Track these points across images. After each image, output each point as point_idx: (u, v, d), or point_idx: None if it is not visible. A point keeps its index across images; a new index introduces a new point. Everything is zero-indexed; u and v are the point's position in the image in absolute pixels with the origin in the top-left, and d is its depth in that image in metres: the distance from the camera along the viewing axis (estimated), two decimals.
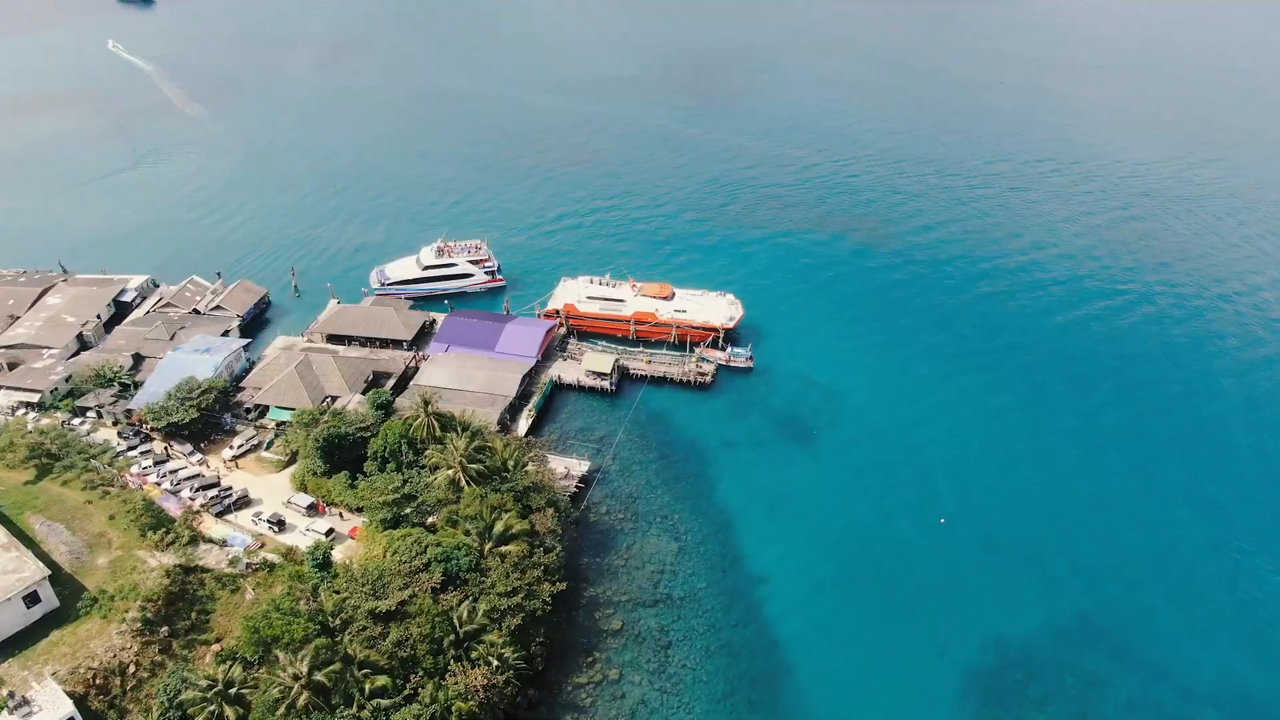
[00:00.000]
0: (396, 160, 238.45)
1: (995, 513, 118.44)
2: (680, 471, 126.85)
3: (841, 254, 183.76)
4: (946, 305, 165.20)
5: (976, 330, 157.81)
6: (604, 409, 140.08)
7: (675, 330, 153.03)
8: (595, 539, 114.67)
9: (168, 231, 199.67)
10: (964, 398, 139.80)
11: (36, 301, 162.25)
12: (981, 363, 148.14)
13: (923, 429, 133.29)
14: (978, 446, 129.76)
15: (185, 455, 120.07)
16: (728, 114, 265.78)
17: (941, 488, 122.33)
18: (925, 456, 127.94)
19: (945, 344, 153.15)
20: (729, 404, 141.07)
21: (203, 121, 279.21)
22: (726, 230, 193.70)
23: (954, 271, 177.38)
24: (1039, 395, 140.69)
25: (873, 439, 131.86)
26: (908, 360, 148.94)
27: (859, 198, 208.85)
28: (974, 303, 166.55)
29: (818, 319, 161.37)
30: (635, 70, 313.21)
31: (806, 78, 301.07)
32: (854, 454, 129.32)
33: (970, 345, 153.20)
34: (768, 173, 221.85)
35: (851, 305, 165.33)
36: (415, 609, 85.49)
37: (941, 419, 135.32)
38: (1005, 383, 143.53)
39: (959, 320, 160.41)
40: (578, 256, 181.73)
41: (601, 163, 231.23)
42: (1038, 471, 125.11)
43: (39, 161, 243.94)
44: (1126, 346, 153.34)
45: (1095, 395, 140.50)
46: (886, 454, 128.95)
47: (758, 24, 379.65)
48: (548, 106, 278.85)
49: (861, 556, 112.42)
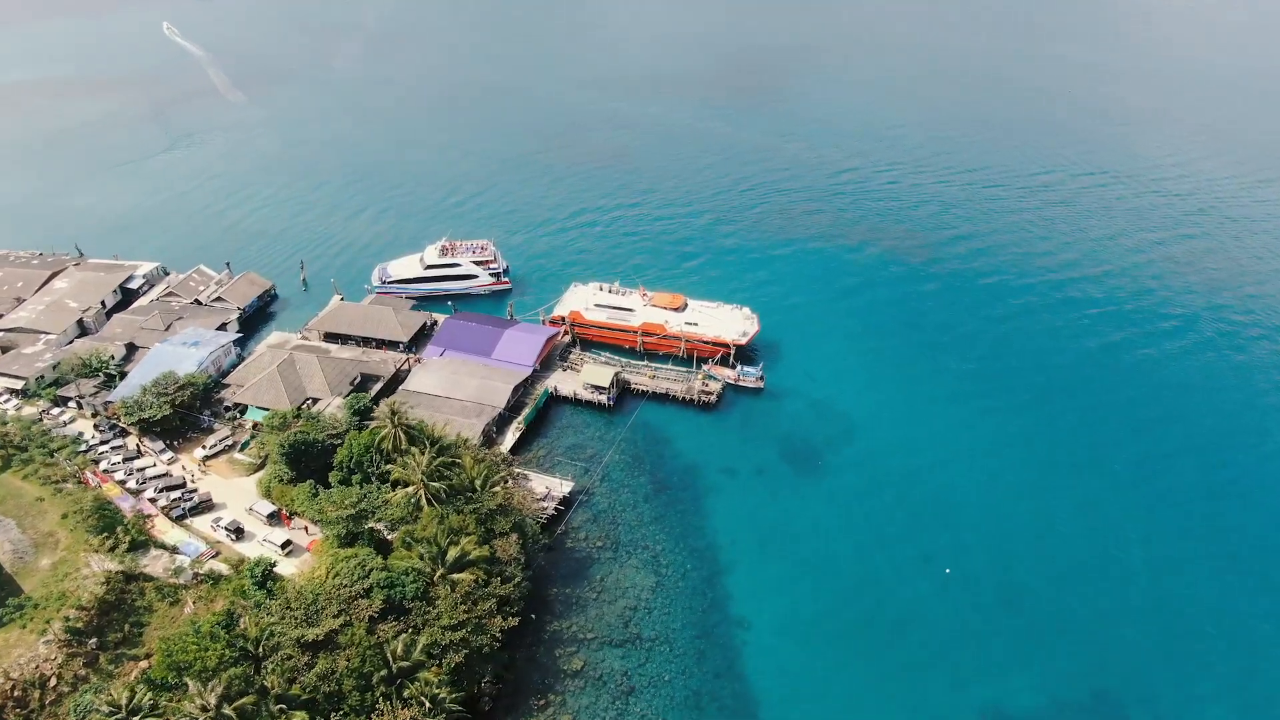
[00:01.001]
0: (424, 153, 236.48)
1: (1011, 567, 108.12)
2: (671, 498, 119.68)
3: (870, 266, 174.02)
4: (979, 327, 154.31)
5: (1009, 356, 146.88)
6: (599, 425, 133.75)
7: (684, 344, 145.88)
8: (568, 566, 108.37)
9: (187, 219, 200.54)
10: (990, 433, 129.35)
11: (45, 285, 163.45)
12: (1012, 394, 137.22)
13: (941, 466, 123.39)
14: (1000, 489, 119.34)
15: (156, 453, 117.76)
16: (768, 115, 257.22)
17: (953, 533, 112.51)
18: (939, 497, 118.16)
19: (973, 370, 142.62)
20: (733, 426, 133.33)
21: (242, 109, 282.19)
22: (751, 237, 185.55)
23: (989, 289, 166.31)
24: (1076, 434, 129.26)
25: (884, 474, 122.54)
26: (931, 388, 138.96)
27: (896, 206, 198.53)
28: (1008, 325, 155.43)
29: (838, 337, 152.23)
30: (680, 67, 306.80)
31: (855, 79, 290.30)
32: (862, 489, 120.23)
33: (1000, 373, 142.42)
34: (802, 177, 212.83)
35: (876, 323, 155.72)
36: (347, 639, 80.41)
37: (963, 455, 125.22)
38: (1037, 417, 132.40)
39: (991, 344, 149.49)
40: (592, 260, 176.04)
41: (629, 162, 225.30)
42: (1069, 523, 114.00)
43: (77, 143, 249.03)
44: (1172, 378, 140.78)
45: (1146, 439, 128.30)
46: (897, 491, 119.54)
47: (813, 22, 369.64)
48: (584, 102, 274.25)
49: (856, 606, 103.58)
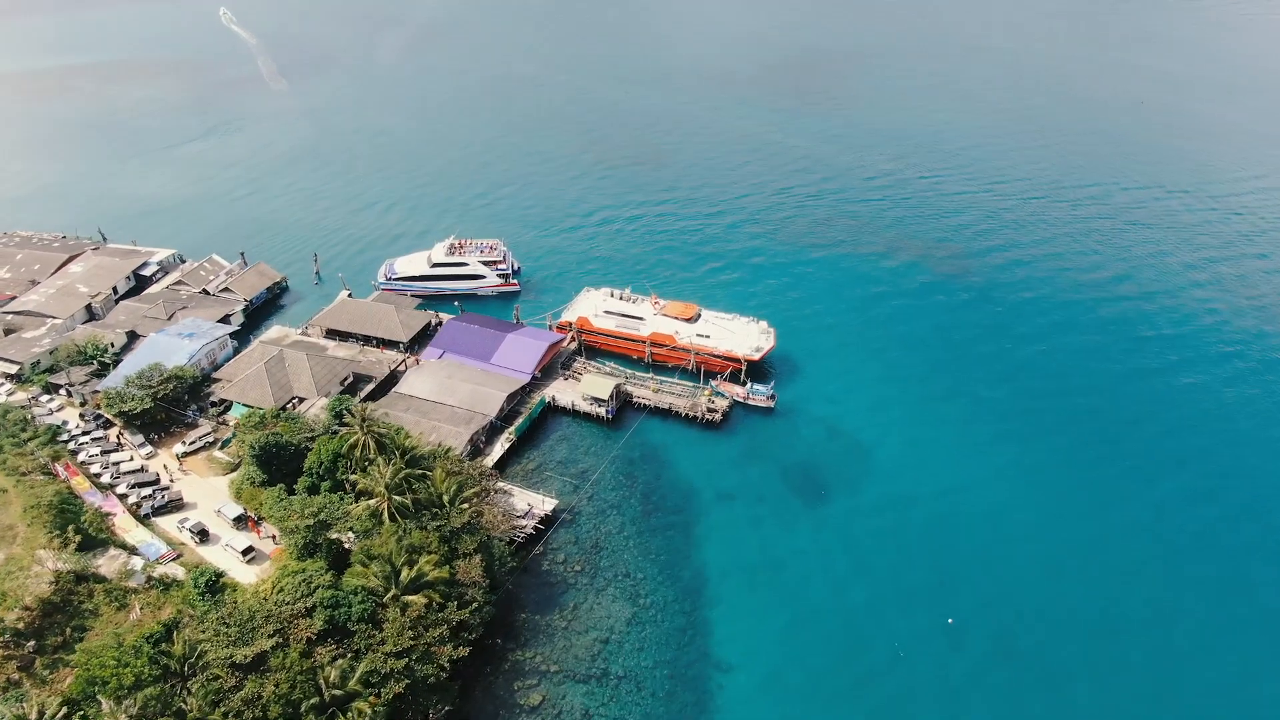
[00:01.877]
0: (455, 147, 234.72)
1: (1022, 621, 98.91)
2: (660, 522, 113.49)
3: (899, 277, 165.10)
4: (1019, 354, 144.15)
5: (1039, 380, 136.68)
6: (595, 439, 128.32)
7: (693, 357, 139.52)
8: (541, 591, 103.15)
9: (211, 206, 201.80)
10: (1017, 471, 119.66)
11: (61, 268, 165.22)
12: (1039, 423, 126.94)
13: (957, 503, 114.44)
14: (1020, 533, 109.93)
15: (135, 446, 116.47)
16: (815, 117, 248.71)
17: (963, 579, 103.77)
18: (952, 537, 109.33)
19: (1007, 401, 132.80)
20: (737, 448, 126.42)
21: (282, 97, 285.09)
22: (781, 245, 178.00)
23: (1024, 306, 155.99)
24: (1103, 470, 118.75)
25: (893, 508, 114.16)
26: (953, 413, 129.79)
27: (933, 214, 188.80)
28: (1041, 345, 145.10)
29: (862, 357, 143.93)
30: (733, 66, 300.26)
31: (915, 84, 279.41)
32: (868, 525, 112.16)
33: (1029, 399, 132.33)
34: (844, 184, 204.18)
35: (900, 339, 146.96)
36: (278, 662, 76.57)
37: (982, 493, 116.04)
38: (1063, 450, 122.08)
39: (1031, 374, 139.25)
40: (610, 262, 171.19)
41: (662, 161, 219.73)
42: (1092, 574, 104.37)
43: (119, 127, 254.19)
44: (1235, 425, 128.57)
45: (1176, 479, 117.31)
46: (905, 529, 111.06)
47: (884, 25, 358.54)
48: (627, 99, 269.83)
49: (846, 654, 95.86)
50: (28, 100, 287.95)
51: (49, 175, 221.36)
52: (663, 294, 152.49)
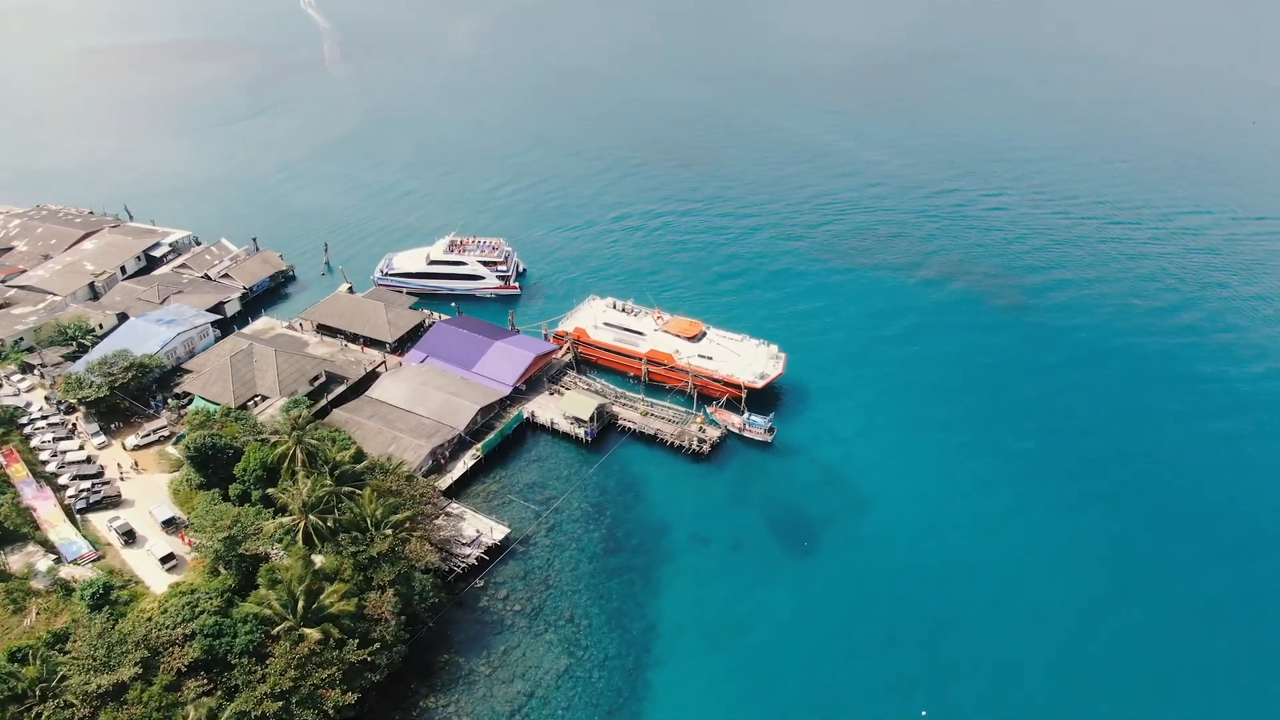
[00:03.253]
0: (496, 139, 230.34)
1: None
2: (621, 563, 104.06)
3: (946, 309, 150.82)
4: (1050, 393, 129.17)
5: (1079, 433, 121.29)
6: (570, 462, 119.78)
7: (691, 379, 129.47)
8: (471, 629, 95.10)
9: (240, 188, 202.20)
10: (1042, 548, 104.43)
11: (75, 244, 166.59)
12: (1085, 500, 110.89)
13: (964, 578, 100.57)
14: (1037, 626, 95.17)
15: (89, 435, 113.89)
16: (883, 123, 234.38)
17: (957, 671, 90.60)
18: (951, 619, 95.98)
19: (1030, 449, 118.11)
20: (723, 484, 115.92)
21: (339, 82, 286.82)
22: (812, 259, 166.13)
23: (1077, 347, 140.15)
24: (1138, 547, 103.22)
25: (889, 576, 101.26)
26: (979, 474, 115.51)
27: (993, 238, 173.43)
28: (1087, 394, 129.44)
29: (881, 391, 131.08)
30: (806, 66, 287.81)
31: (996, 91, 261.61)
32: (856, 590, 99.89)
33: (1063, 455, 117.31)
34: (895, 196, 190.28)
35: (932, 380, 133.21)
36: (135, 695, 70.74)
37: (995, 571, 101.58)
38: (1111, 536, 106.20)
39: (1061, 417, 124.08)
40: (623, 268, 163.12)
41: (704, 163, 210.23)
42: (1123, 689, 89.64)
43: (175, 105, 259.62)
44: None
45: (1224, 572, 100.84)
46: (899, 602, 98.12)
47: (978, 25, 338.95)
48: (684, 96, 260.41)
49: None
50: (102, 75, 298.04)
51: (98, 151, 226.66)
52: (672, 306, 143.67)
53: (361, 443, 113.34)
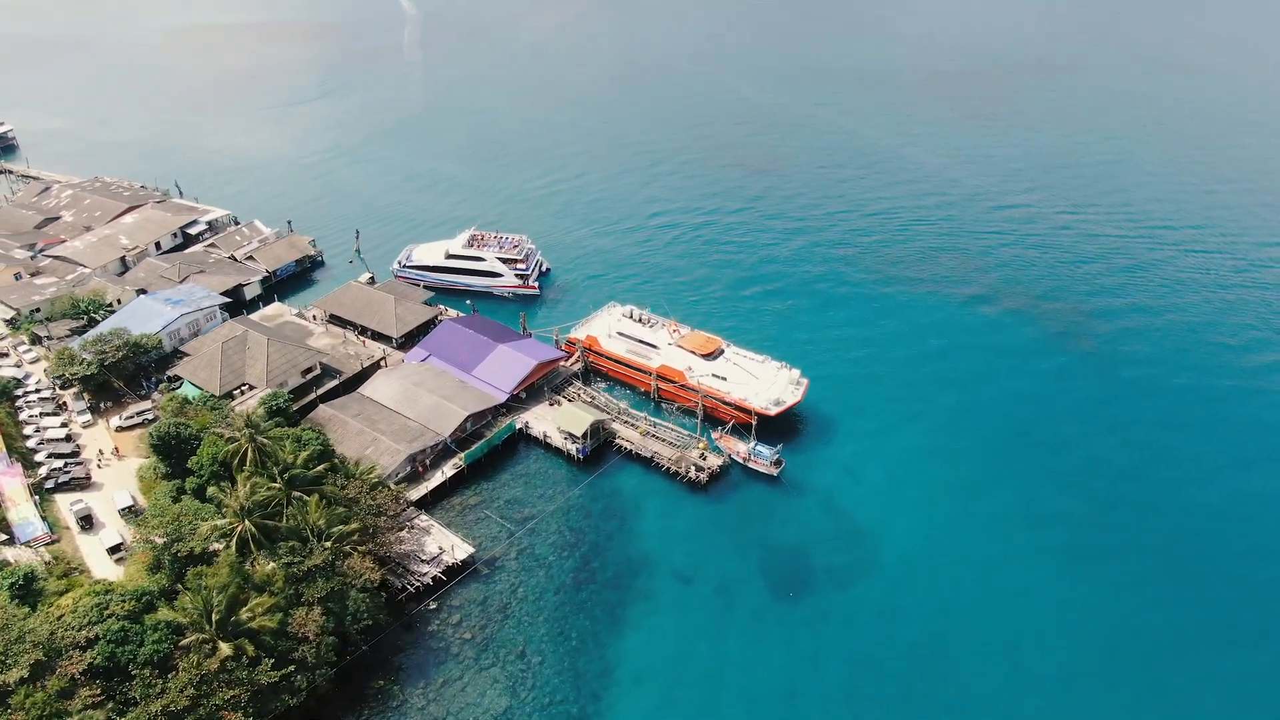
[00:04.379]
0: (550, 132, 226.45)
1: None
2: (590, 596, 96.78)
3: (999, 338, 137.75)
4: (1102, 440, 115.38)
5: (1131, 489, 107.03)
6: (558, 480, 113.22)
7: (700, 400, 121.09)
8: (413, 655, 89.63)
9: (289, 170, 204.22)
10: (1061, 610, 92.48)
11: (117, 218, 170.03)
12: (1131, 582, 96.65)
13: (970, 654, 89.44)
14: (1043, 697, 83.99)
15: (76, 413, 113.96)
16: (965, 133, 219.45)
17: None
18: (950, 699, 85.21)
19: (1072, 510, 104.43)
20: (717, 519, 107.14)
21: (411, 68, 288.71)
22: (856, 271, 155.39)
23: (1137, 387, 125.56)
24: (1186, 640, 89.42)
25: (887, 639, 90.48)
26: (1004, 525, 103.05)
27: (1071, 265, 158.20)
28: (1145, 444, 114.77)
29: (911, 425, 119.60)
30: (893, 68, 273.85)
31: (1091, 103, 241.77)
32: (842, 654, 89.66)
33: (1108, 516, 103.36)
34: (963, 211, 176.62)
35: (970, 417, 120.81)
36: (19, 700, 67.79)
37: (1007, 646, 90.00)
38: (1139, 600, 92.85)
39: (1112, 470, 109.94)
40: (653, 272, 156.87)
41: (759, 164, 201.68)
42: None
43: (242, 86, 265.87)
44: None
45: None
46: (891, 671, 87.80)
47: (1089, 31, 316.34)
48: (757, 97, 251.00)
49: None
50: (185, 54, 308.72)
51: (164, 127, 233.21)
52: (697, 317, 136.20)
53: (341, 442, 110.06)
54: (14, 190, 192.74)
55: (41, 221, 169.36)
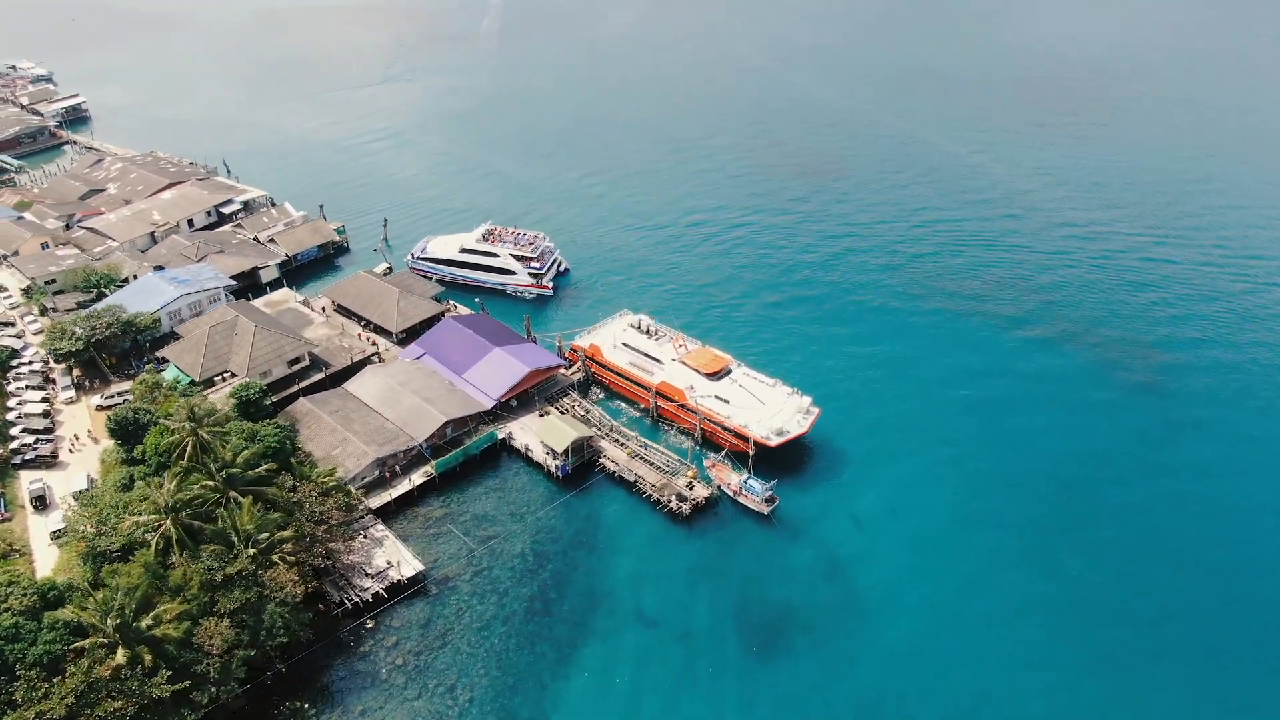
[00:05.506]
0: (605, 128, 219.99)
1: None
2: (541, 630, 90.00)
3: (1043, 371, 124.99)
4: (1144, 493, 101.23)
5: (1175, 564, 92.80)
6: (532, 498, 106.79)
7: (699, 423, 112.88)
8: (335, 677, 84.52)
9: (334, 154, 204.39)
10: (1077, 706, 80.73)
11: (156, 193, 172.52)
12: (1153, 651, 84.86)
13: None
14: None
15: (60, 389, 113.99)
16: (1045, 145, 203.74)
17: None
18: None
19: (1102, 582, 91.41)
20: (694, 558, 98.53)
21: (482, 56, 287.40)
22: (898, 291, 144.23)
23: (1197, 434, 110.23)
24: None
25: (867, 710, 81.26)
26: (1020, 597, 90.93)
27: (1134, 291, 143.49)
28: (1198, 504, 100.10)
29: (929, 466, 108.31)
30: (981, 73, 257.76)
31: (1201, 118, 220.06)
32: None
33: (1146, 594, 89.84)
34: (1026, 229, 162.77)
35: (998, 459, 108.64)
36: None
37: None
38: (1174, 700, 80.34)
39: (1155, 537, 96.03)
40: (679, 279, 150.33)
41: (816, 170, 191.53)
42: None
43: (311, 67, 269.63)
44: None
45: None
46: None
47: (1200, 38, 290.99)
48: (828, 100, 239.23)
49: None
50: (263, 35, 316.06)
51: (226, 105, 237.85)
52: (712, 329, 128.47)
53: (312, 439, 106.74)
54: (73, 161, 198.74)
55: (87, 193, 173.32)
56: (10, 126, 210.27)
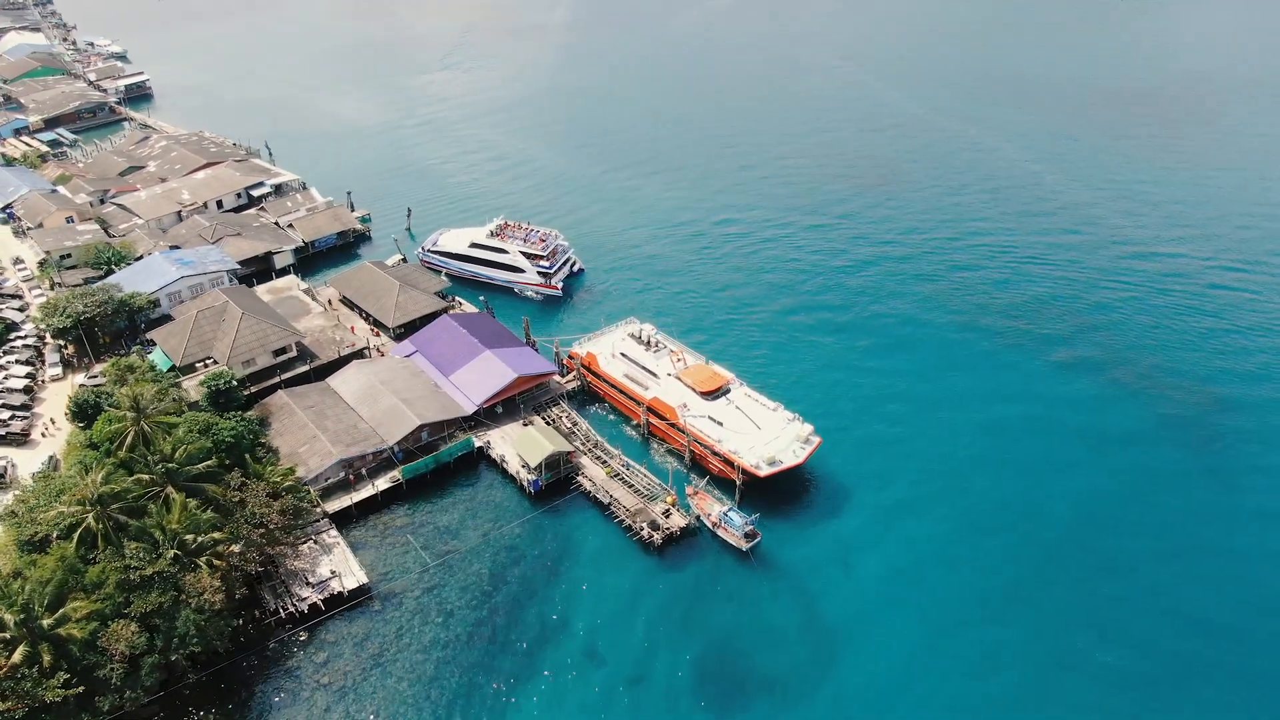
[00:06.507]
0: (660, 126, 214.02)
1: None
2: (483, 658, 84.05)
3: (1077, 403, 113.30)
4: (1191, 580, 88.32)
5: (1224, 672, 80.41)
6: (501, 514, 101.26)
7: (689, 445, 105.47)
8: (254, 691, 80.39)
9: (374, 139, 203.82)
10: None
11: (192, 172, 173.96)
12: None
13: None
14: None
15: (47, 365, 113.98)
16: (1128, 163, 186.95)
17: None
18: None
19: (1130, 670, 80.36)
20: (661, 595, 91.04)
21: (546, 49, 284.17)
22: (932, 312, 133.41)
23: (1266, 510, 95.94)
24: None
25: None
26: (1032, 684, 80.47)
27: (1196, 323, 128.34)
28: (1258, 598, 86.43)
29: (937, 508, 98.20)
30: (1067, 81, 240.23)
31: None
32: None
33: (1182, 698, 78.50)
34: (1089, 254, 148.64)
35: (1013, 511, 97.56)
36: None
37: None
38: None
39: (1193, 630, 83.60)
40: (699, 284, 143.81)
41: (866, 176, 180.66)
42: None
43: (376, 53, 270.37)
44: None
45: None
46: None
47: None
48: (897, 104, 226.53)
49: None
50: (343, 20, 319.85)
51: (284, 88, 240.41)
52: (722, 342, 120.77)
53: (282, 434, 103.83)
54: (124, 138, 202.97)
55: (126, 169, 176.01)
56: (72, 101, 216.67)
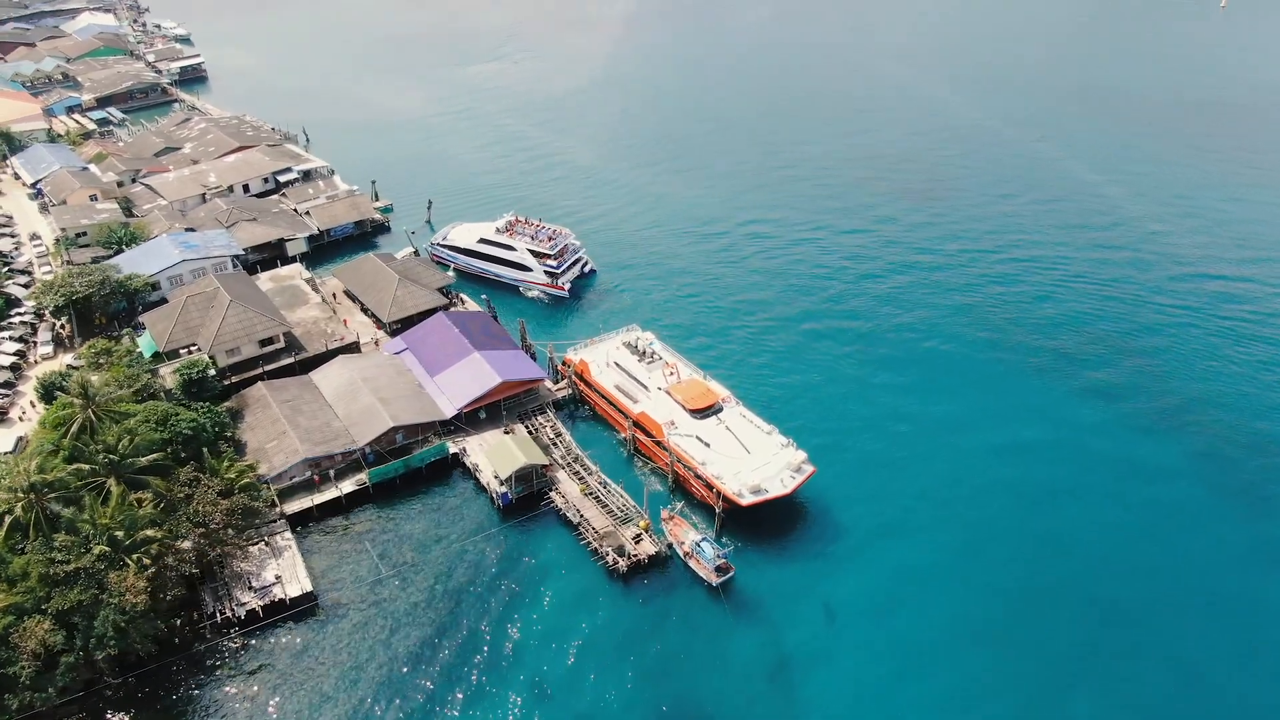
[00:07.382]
0: (701, 124, 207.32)
1: None
2: (419, 683, 79.45)
3: (1108, 441, 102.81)
4: (1217, 639, 78.09)
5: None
6: (466, 526, 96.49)
7: (672, 465, 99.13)
8: (176, 698, 77.04)
9: (409, 130, 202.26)
10: None
11: (224, 155, 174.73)
12: None
13: None
14: None
15: (39, 343, 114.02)
16: (1198, 179, 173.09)
17: None
18: None
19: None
20: (622, 626, 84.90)
21: (601, 42, 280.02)
22: (960, 329, 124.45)
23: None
24: None
25: None
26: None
27: (1250, 352, 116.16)
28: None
29: (931, 549, 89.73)
30: (1146, 90, 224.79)
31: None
32: None
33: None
34: (1139, 274, 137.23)
35: (1025, 553, 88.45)
36: None
37: None
38: None
39: (1218, 699, 74.04)
40: (713, 289, 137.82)
41: (908, 184, 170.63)
42: None
43: (429, 42, 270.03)
44: None
45: None
46: None
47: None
48: (958, 107, 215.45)
49: None
50: (401, 9, 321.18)
51: (335, 76, 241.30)
52: (729, 356, 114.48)
53: (253, 427, 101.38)
54: (169, 118, 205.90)
55: (162, 149, 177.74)
56: (125, 81, 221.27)
